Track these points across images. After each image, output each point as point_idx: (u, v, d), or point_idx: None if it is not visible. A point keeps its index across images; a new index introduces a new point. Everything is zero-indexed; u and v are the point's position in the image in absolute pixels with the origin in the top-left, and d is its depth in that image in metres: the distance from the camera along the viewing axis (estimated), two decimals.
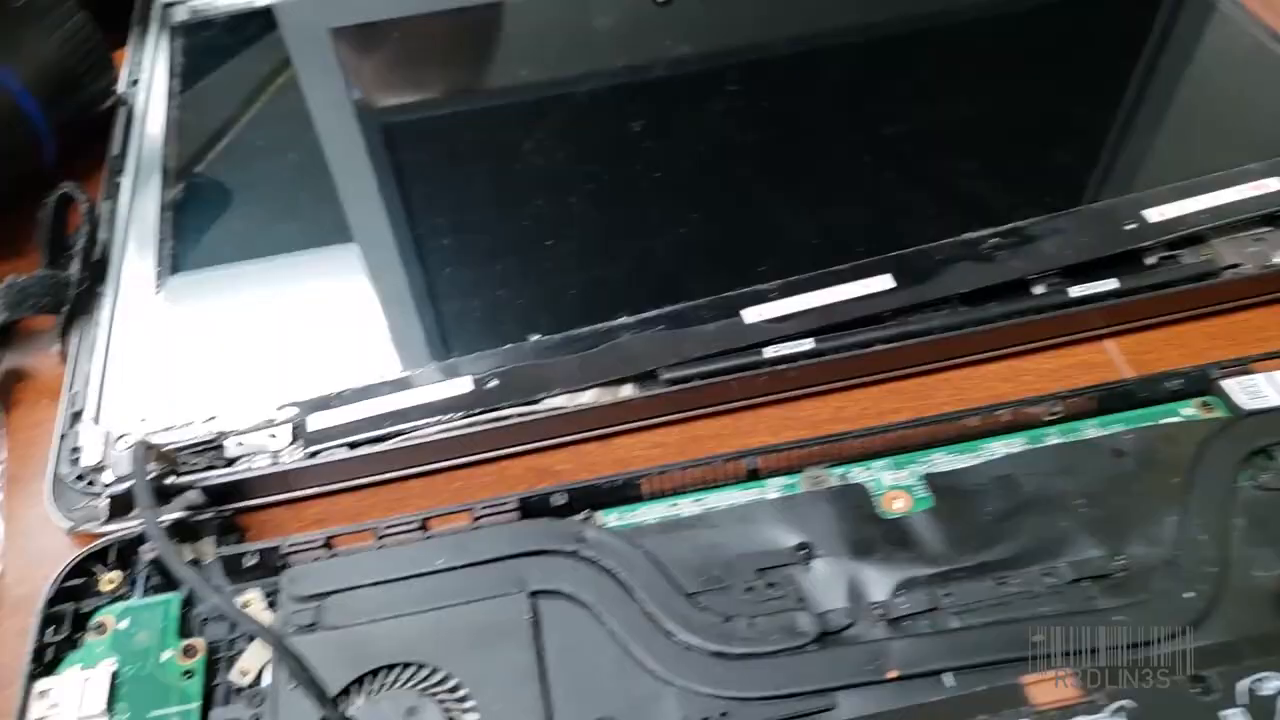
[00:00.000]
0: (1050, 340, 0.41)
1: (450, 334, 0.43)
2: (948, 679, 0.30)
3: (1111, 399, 0.37)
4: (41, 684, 0.32)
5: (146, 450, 0.34)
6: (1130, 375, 0.39)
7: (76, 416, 0.40)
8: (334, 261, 0.47)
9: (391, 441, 0.37)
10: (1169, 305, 0.41)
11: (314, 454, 0.37)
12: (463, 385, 0.39)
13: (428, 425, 0.37)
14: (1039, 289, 0.41)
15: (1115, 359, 0.41)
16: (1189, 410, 0.37)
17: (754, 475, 0.36)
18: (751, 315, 0.40)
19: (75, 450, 0.38)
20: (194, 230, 0.48)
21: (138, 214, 0.49)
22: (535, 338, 0.41)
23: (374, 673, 0.30)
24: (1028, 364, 0.41)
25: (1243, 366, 0.37)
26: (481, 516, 0.34)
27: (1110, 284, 0.40)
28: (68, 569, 0.34)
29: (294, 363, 0.42)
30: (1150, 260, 0.41)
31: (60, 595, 0.34)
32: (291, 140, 0.53)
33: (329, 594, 0.32)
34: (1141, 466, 0.34)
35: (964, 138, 0.49)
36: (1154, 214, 0.42)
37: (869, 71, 0.56)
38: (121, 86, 0.55)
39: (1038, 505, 0.33)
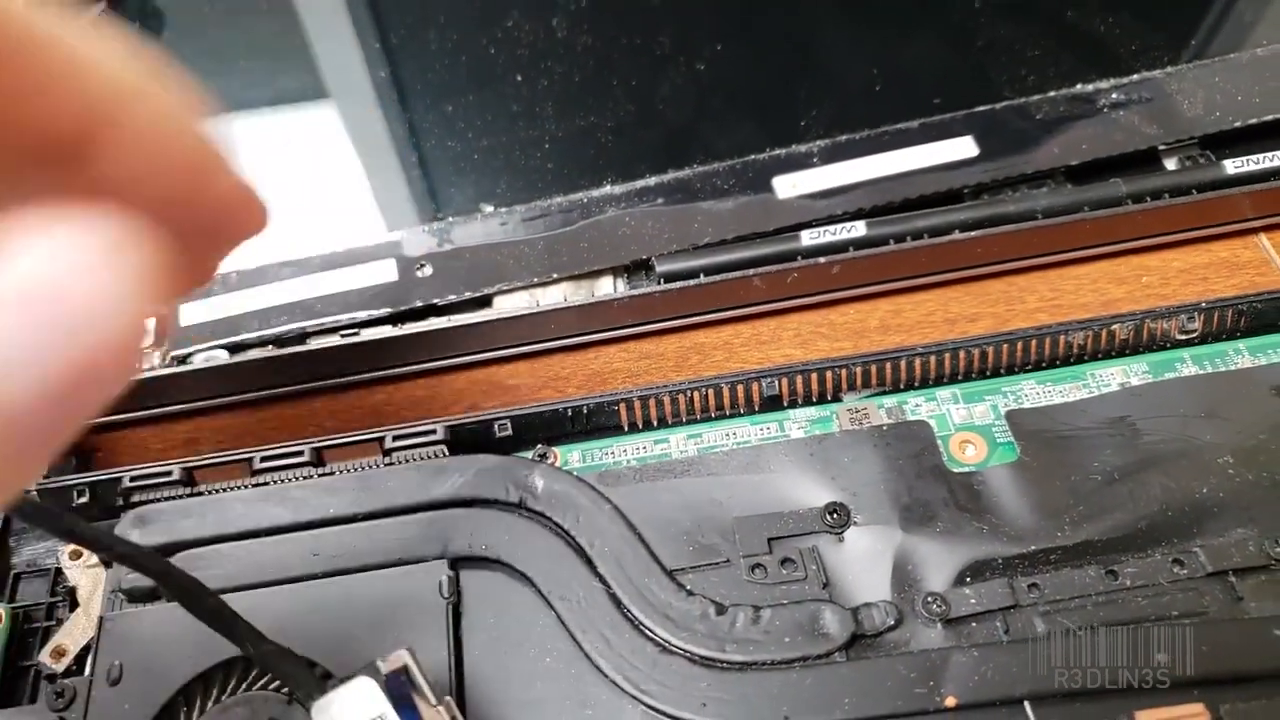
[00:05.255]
0: (1184, 232, 0.34)
1: (374, 201, 0.35)
2: (1029, 711, 0.23)
3: (1271, 314, 0.30)
4: None
5: None
6: None
7: None
8: (229, 105, 0.38)
9: (287, 346, 0.31)
10: None
11: (182, 359, 0.31)
12: (385, 271, 0.32)
13: (336, 326, 0.31)
14: (1173, 163, 0.34)
15: (1272, 259, 0.34)
16: None
17: (773, 404, 0.29)
18: (785, 187, 0.33)
19: None
20: None
21: None
22: (488, 209, 0.34)
23: (228, 664, 0.24)
24: (1151, 261, 0.34)
25: None
26: (394, 448, 0.28)
27: (1274, 158, 0.33)
28: None
29: None
30: None
31: None
32: None
33: (180, 546, 0.26)
34: None
35: None
36: None
37: None
38: None
39: (1165, 462, 0.27)
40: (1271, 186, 0.33)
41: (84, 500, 0.27)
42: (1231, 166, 0.33)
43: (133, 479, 0.27)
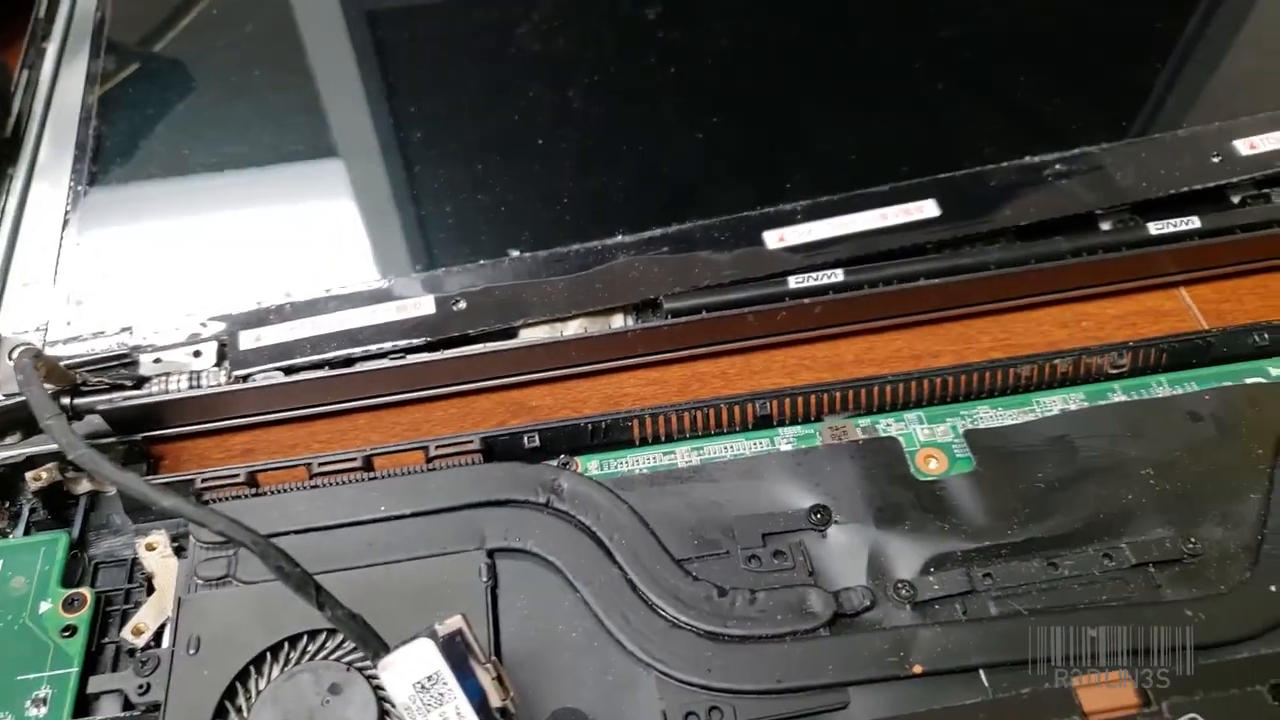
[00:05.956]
0: (1117, 284, 0.37)
1: (414, 244, 0.38)
2: (983, 677, 0.26)
3: (1187, 352, 0.33)
4: None
5: (36, 360, 0.29)
6: (1208, 327, 0.35)
7: None
8: (285, 155, 0.41)
9: (336, 368, 0.33)
10: (1256, 250, 0.37)
11: (243, 378, 0.33)
12: (424, 305, 0.34)
13: (380, 352, 0.33)
14: (1107, 225, 0.37)
15: (1190, 308, 0.37)
16: (1277, 370, 0.33)
17: (765, 422, 0.32)
18: (773, 240, 0.36)
19: None
20: (125, 110, 0.42)
21: (62, 89, 0.43)
22: (515, 254, 0.36)
23: (294, 639, 0.26)
24: (1089, 309, 0.37)
25: None
26: (437, 456, 0.30)
27: (1191, 223, 0.36)
28: None
29: (228, 270, 0.36)
30: (1236, 199, 0.37)
31: None
32: (249, 17, 0.46)
33: None
34: (1221, 433, 0.30)
35: (1031, 46, 0.45)
36: (1244, 146, 0.38)
37: None
38: None
39: (1097, 473, 0.29)
40: (1188, 246, 0.36)
41: None
42: (1155, 229, 0.36)
43: (204, 480, 0.29)
